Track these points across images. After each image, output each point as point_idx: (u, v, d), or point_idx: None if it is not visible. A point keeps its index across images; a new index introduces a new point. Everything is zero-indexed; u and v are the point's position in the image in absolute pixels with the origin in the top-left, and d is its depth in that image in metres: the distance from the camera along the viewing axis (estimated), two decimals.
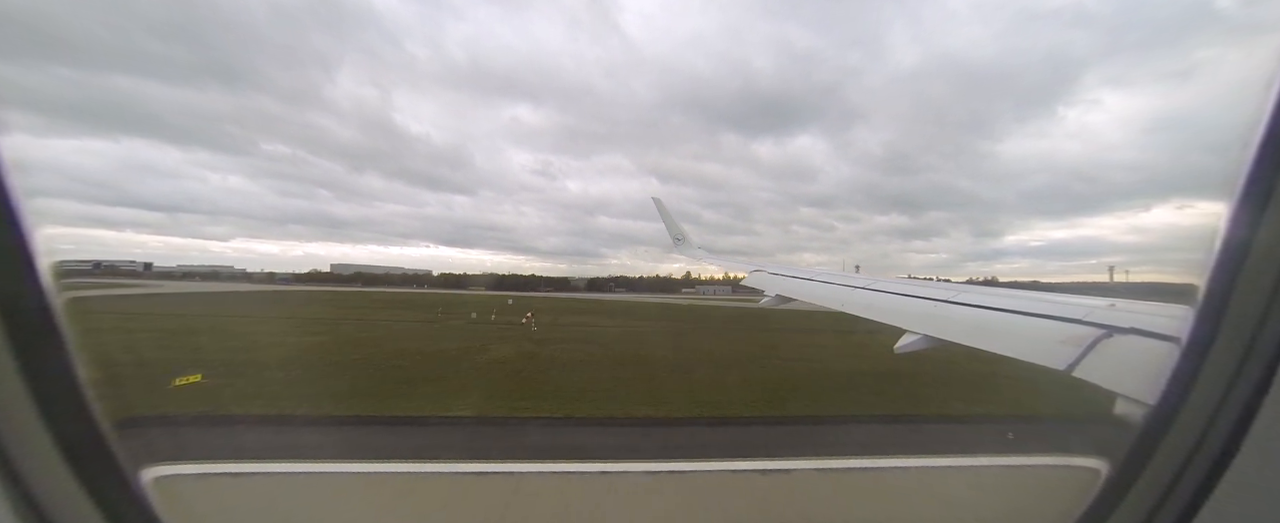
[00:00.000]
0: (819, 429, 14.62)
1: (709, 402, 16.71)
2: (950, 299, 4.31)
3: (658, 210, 15.03)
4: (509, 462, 7.33)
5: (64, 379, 1.06)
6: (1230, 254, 1.17)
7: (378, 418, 14.14)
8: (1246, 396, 1.13)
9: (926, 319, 4.12)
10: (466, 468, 6.05)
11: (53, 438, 1.04)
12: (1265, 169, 1.12)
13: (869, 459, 5.80)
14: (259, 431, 12.72)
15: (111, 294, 53.70)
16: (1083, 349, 2.64)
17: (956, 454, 6.11)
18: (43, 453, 1.03)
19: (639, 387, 18.62)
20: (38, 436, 1.02)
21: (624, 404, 16.25)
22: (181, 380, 15.97)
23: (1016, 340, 3.20)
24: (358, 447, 11.92)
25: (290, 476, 5.26)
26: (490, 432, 13.71)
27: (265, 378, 17.76)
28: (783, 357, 26.54)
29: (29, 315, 1.00)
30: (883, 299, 5.01)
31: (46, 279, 1.01)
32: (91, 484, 1.10)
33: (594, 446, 12.57)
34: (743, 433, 14.13)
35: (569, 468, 5.92)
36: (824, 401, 17.72)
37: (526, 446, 12.69)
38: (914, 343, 3.98)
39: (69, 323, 1.06)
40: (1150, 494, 1.26)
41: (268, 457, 10.43)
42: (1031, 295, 3.98)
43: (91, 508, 1.10)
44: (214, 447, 11.52)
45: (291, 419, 13.55)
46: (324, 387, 17.31)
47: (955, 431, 14.14)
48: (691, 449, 12.58)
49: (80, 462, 1.08)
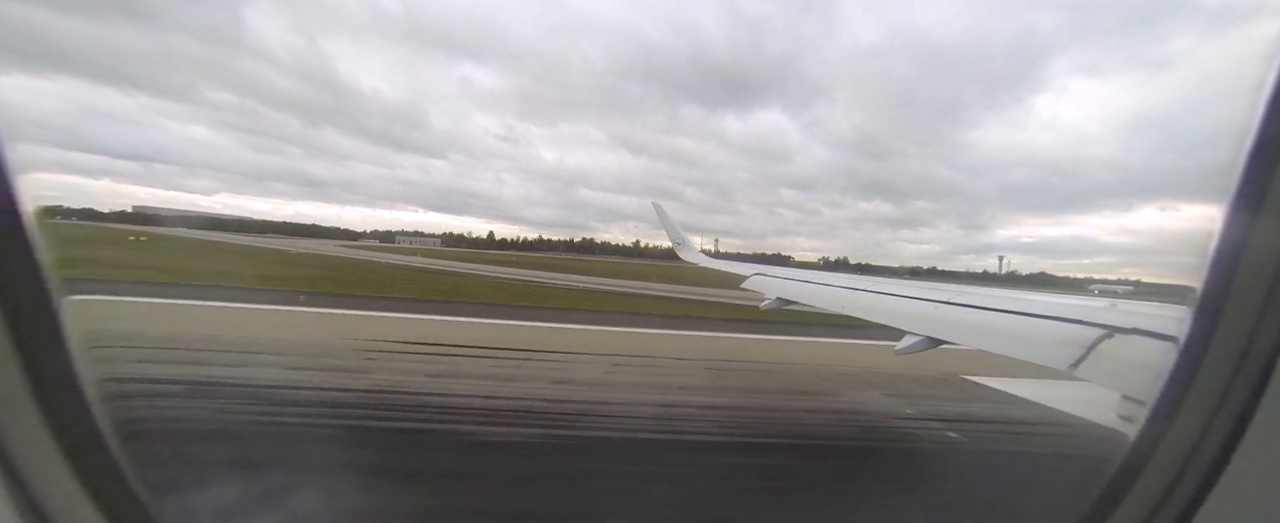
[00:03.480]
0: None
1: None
2: (950, 300, 4.31)
3: (659, 217, 15.12)
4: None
5: (65, 378, 1.06)
6: (1227, 252, 1.18)
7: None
8: (1245, 395, 1.14)
9: (927, 321, 4.12)
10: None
11: (54, 437, 1.03)
12: (1261, 167, 1.13)
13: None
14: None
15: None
16: (1084, 350, 2.63)
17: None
18: (43, 452, 1.03)
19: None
20: (39, 435, 1.02)
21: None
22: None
23: (1018, 341, 3.20)
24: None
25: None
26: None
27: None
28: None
29: (29, 313, 1.00)
30: (883, 301, 5.01)
31: (47, 275, 1.01)
32: (92, 484, 1.09)
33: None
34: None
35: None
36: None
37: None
38: (915, 345, 3.97)
39: (70, 321, 1.05)
40: (1149, 494, 1.26)
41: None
42: (1030, 297, 3.97)
43: (92, 508, 1.09)
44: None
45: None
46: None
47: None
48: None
49: (81, 461, 1.08)
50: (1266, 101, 1.10)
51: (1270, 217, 1.11)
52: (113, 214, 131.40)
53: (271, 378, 7.50)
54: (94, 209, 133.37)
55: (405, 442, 5.58)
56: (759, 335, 14.29)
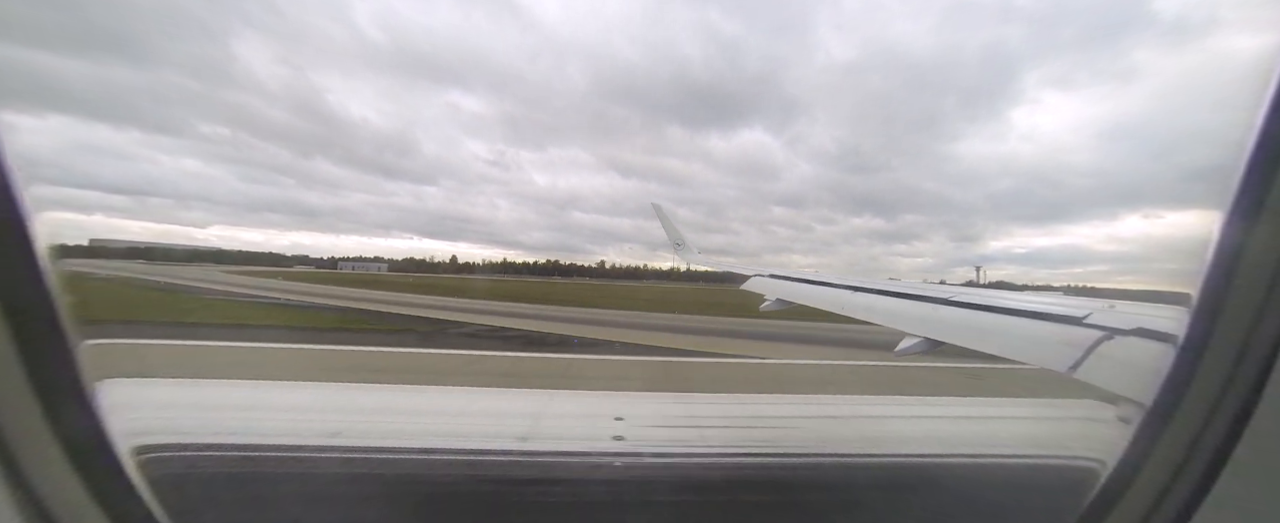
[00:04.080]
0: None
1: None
2: (949, 299, 4.29)
3: (658, 216, 15.09)
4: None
5: (67, 377, 1.06)
6: (1225, 254, 1.18)
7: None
8: (1243, 395, 1.13)
9: (925, 322, 4.10)
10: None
11: (56, 437, 1.03)
12: (1261, 170, 1.13)
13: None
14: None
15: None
16: (1084, 351, 2.62)
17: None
18: (46, 452, 1.03)
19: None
20: (41, 434, 1.02)
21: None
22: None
23: (1017, 342, 3.18)
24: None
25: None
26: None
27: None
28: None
29: (30, 313, 1.00)
30: (880, 301, 4.99)
31: (48, 275, 1.02)
32: (94, 484, 1.10)
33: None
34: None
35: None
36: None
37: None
38: (914, 346, 3.96)
39: (70, 320, 1.06)
40: (1148, 494, 1.25)
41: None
42: (1031, 297, 3.96)
43: (94, 509, 1.09)
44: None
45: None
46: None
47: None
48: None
49: (83, 461, 1.08)
50: (1268, 105, 1.10)
51: (1269, 219, 1.11)
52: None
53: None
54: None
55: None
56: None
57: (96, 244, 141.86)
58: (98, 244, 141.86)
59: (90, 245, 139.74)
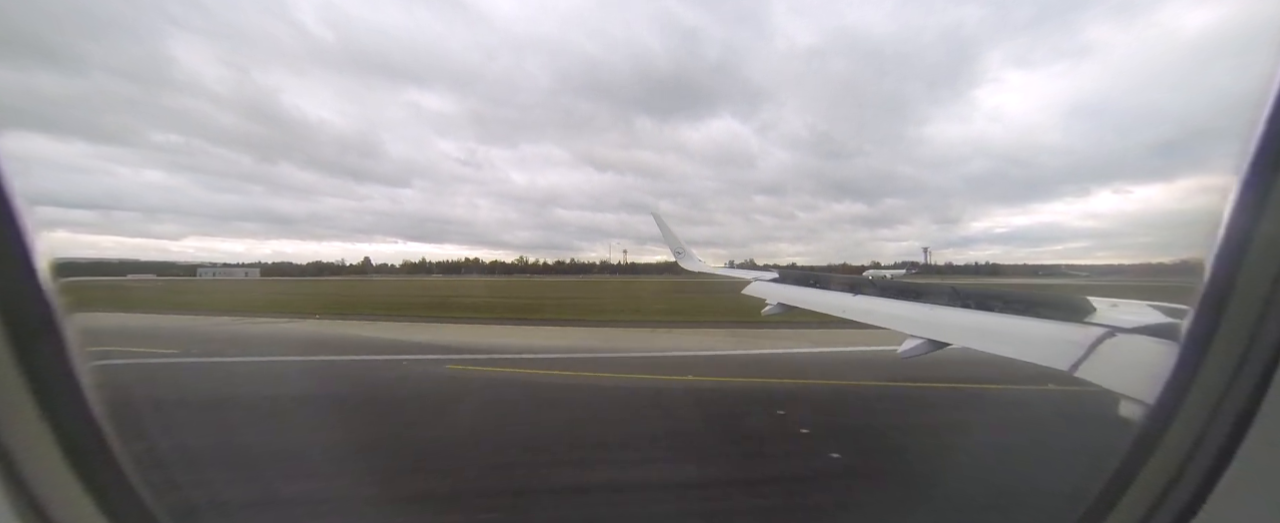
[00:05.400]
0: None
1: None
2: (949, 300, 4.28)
3: (659, 225, 15.07)
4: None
5: (65, 378, 1.06)
6: (1230, 250, 1.16)
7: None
8: (1247, 394, 1.12)
9: (926, 324, 4.09)
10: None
11: (55, 439, 1.03)
12: (1266, 162, 1.11)
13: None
14: None
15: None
16: (1085, 350, 2.61)
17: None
18: (45, 454, 1.02)
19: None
20: (40, 436, 1.01)
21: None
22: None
23: (1018, 342, 3.17)
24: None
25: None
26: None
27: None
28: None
29: (29, 313, 1.00)
30: (882, 304, 4.98)
31: (45, 276, 1.01)
32: (94, 485, 1.09)
33: None
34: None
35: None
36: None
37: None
38: (916, 348, 3.95)
39: (68, 320, 1.06)
40: (1149, 494, 1.24)
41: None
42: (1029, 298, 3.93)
43: (94, 509, 1.09)
44: None
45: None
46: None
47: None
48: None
49: (83, 462, 1.07)
50: (1275, 94, 1.07)
51: (1275, 214, 1.08)
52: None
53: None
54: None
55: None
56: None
57: (61, 262, 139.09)
58: (63, 262, 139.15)
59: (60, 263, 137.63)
